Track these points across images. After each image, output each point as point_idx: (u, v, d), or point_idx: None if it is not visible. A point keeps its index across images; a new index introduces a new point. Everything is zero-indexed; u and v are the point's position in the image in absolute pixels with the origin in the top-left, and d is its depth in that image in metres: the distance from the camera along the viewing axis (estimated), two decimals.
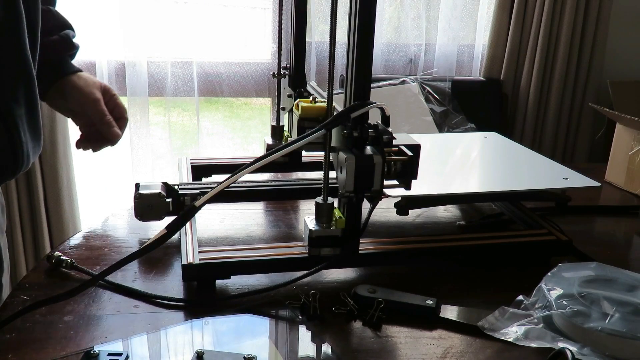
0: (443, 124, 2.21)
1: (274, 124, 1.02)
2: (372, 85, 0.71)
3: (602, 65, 2.42)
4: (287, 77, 1.01)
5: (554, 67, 2.38)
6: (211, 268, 0.73)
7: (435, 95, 2.26)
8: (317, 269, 0.73)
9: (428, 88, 2.27)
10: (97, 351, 0.58)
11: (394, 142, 0.71)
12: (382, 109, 0.71)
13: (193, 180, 0.98)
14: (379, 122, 0.71)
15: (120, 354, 0.59)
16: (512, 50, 2.37)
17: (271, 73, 1.01)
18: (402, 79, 2.28)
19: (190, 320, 0.67)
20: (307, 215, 0.75)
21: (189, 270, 0.73)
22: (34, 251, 2.18)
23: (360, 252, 0.76)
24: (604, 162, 1.28)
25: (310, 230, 0.73)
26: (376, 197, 0.71)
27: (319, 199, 0.73)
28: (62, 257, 0.78)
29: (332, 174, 0.73)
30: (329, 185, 0.73)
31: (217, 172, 1.03)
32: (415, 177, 0.72)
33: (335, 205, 0.75)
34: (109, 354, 0.58)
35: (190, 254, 0.74)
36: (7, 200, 2.09)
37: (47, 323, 0.66)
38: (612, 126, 1.27)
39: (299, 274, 0.74)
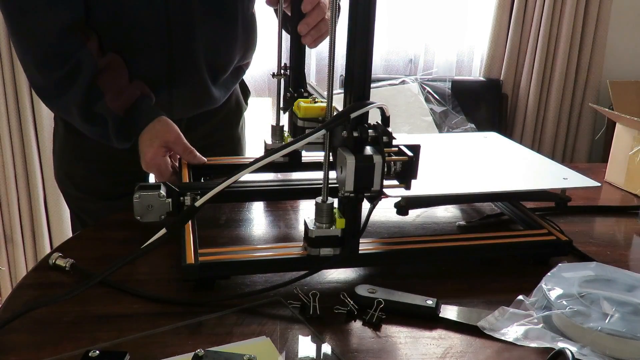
0: (443, 124, 2.21)
1: (274, 124, 1.02)
2: (372, 85, 0.71)
3: (602, 65, 2.42)
4: (286, 77, 1.01)
5: (554, 67, 2.38)
6: (211, 268, 0.73)
7: (435, 96, 2.26)
8: (316, 269, 0.73)
9: (428, 88, 2.27)
10: (96, 351, 0.58)
11: (394, 142, 0.71)
12: (382, 109, 0.71)
13: (193, 180, 0.98)
14: (379, 122, 0.71)
15: (119, 354, 0.58)
16: (512, 50, 2.38)
17: (271, 73, 1.01)
18: (402, 79, 2.28)
19: (189, 320, 0.67)
20: (307, 215, 0.75)
21: (188, 271, 0.72)
22: (34, 251, 2.18)
23: (360, 252, 0.76)
24: (604, 162, 1.28)
25: (309, 230, 0.73)
26: (376, 197, 0.71)
27: (319, 199, 0.73)
28: (62, 258, 0.78)
29: (333, 174, 0.73)
30: (329, 186, 0.73)
31: (216, 172, 1.03)
32: (415, 177, 0.72)
33: (335, 205, 0.75)
34: (109, 354, 0.58)
35: (190, 254, 0.74)
36: (7, 200, 2.09)
37: (47, 323, 0.66)
38: (612, 126, 1.27)
39: (299, 273, 0.74)
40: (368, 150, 0.70)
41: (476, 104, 2.35)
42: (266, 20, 1.16)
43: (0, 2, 0.93)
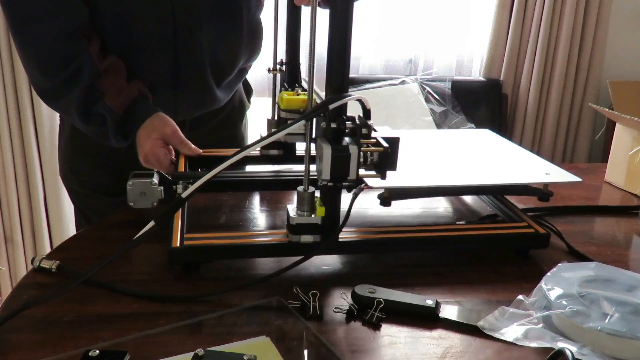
0: (443, 124, 2.22)
1: (270, 117, 1.05)
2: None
3: (602, 65, 2.42)
4: (282, 72, 1.04)
5: (554, 67, 2.38)
6: (195, 252, 0.77)
7: (435, 95, 2.26)
8: (303, 258, 0.75)
9: (428, 88, 2.27)
10: (96, 351, 0.58)
11: (373, 135, 0.74)
12: (361, 102, 0.73)
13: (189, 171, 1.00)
14: (361, 115, 0.74)
15: (119, 354, 0.59)
16: (512, 50, 2.38)
17: (267, 68, 1.03)
18: (402, 79, 2.28)
19: (189, 320, 0.67)
20: (289, 204, 0.78)
21: (174, 254, 0.76)
22: (34, 251, 2.18)
23: (340, 240, 0.78)
24: (604, 162, 1.28)
25: (291, 217, 0.75)
26: (354, 186, 0.74)
27: (301, 188, 0.75)
28: (47, 260, 0.77)
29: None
30: (310, 177, 0.75)
31: (212, 163, 1.05)
32: (393, 169, 0.74)
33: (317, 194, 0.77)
34: (109, 354, 0.58)
35: (177, 239, 0.77)
36: (7, 200, 2.09)
37: (47, 323, 0.66)
38: (612, 126, 1.27)
39: (288, 263, 0.75)
40: (346, 141, 0.72)
41: (476, 104, 2.35)
42: (266, 22, 1.18)
43: (4, 10, 0.94)
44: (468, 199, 1.07)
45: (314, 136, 0.76)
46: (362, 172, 0.74)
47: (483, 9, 2.40)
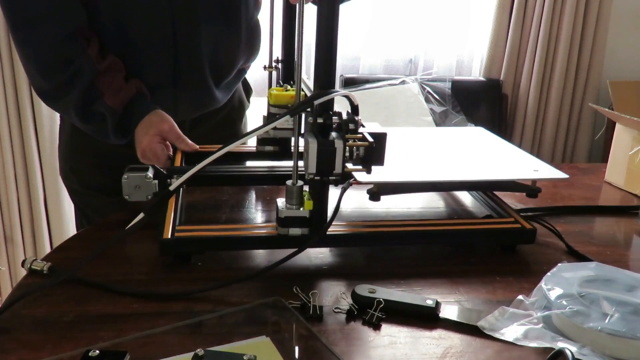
0: (443, 124, 2.21)
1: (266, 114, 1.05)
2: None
3: (602, 65, 2.42)
4: (278, 69, 1.05)
5: (554, 67, 2.38)
6: (186, 243, 0.78)
7: (435, 95, 2.26)
8: (297, 251, 0.75)
9: (428, 88, 2.27)
10: (96, 351, 0.58)
11: (360, 130, 0.75)
12: (349, 98, 0.74)
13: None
14: (349, 111, 0.75)
15: (119, 354, 0.58)
16: (512, 50, 2.38)
17: (263, 65, 1.04)
18: (402, 79, 2.28)
19: (189, 320, 0.67)
20: (278, 198, 0.79)
21: (165, 245, 0.77)
22: (34, 251, 2.18)
23: (330, 233, 0.79)
24: (604, 162, 1.28)
25: (279, 210, 0.77)
26: (340, 181, 0.75)
27: (289, 182, 0.76)
28: (39, 261, 0.77)
29: None
30: (299, 172, 0.76)
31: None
32: (380, 164, 0.75)
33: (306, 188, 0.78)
34: (109, 354, 0.58)
35: (168, 230, 0.78)
36: (7, 200, 2.09)
37: (47, 323, 0.66)
38: (612, 126, 1.27)
39: (284, 257, 0.75)
40: (332, 135, 0.73)
41: (476, 104, 2.35)
42: (263, 20, 1.18)
43: (4, 12, 0.95)
44: (465, 199, 1.07)
45: (302, 131, 0.77)
46: (350, 166, 0.75)
47: (483, 9, 2.40)
